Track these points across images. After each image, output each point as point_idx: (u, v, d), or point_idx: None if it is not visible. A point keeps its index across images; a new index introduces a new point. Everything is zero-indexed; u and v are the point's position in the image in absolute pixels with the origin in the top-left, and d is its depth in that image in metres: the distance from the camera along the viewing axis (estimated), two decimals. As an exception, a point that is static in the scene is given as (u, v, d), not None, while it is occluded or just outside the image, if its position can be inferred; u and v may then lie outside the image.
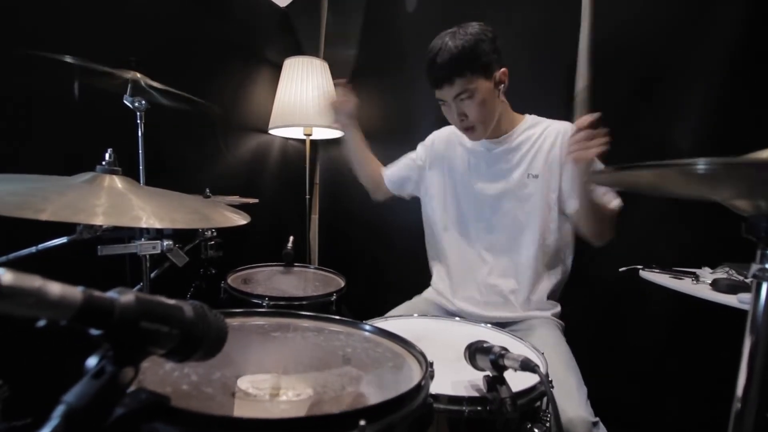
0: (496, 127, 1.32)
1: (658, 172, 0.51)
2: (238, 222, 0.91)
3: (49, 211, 0.65)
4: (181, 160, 1.81)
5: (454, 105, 1.24)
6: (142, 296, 0.40)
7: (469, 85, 1.20)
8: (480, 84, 1.21)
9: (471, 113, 1.24)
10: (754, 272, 0.55)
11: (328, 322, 0.85)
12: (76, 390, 0.36)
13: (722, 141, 1.36)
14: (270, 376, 0.64)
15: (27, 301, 0.31)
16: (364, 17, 2.33)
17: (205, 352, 0.45)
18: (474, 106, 1.22)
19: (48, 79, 1.31)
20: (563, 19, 1.63)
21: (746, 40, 1.36)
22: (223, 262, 1.58)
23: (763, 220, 0.54)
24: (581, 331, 1.35)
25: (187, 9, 1.79)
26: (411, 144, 1.60)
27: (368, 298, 1.41)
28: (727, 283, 1.02)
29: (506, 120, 1.34)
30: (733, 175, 0.48)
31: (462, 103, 1.23)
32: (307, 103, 2.04)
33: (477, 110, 1.23)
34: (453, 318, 1.22)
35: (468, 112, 1.24)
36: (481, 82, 1.21)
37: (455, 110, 1.25)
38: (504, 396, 0.69)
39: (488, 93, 1.23)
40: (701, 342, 1.42)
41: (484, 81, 1.22)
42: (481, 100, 1.22)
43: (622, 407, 1.35)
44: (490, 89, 1.23)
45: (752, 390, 0.56)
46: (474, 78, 1.20)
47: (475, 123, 1.25)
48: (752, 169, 0.48)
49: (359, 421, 0.48)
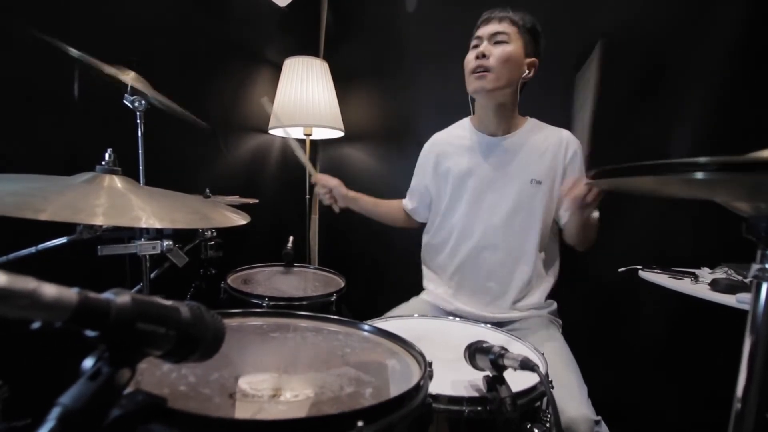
0: (502, 123, 1.33)
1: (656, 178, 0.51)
2: (238, 222, 0.91)
3: (49, 211, 0.65)
4: (181, 160, 1.81)
5: (485, 43, 1.27)
6: (138, 297, 0.39)
7: (511, 35, 1.25)
8: (518, 43, 1.26)
9: (494, 57, 1.25)
10: (754, 272, 0.55)
11: (327, 323, 0.85)
12: (72, 392, 0.36)
13: (722, 141, 1.36)
14: (269, 377, 0.64)
15: (21, 303, 0.31)
16: (364, 17, 2.33)
17: (202, 353, 0.45)
18: (501, 53, 1.25)
19: (48, 79, 1.31)
20: (564, 19, 1.63)
21: (746, 40, 1.35)
22: (223, 263, 1.58)
23: (763, 221, 0.53)
24: (581, 331, 1.35)
25: (187, 9, 1.78)
26: (411, 144, 1.60)
27: (368, 298, 1.41)
28: (726, 283, 1.02)
29: (512, 119, 1.35)
30: (732, 175, 0.48)
31: (493, 46, 1.26)
32: (307, 103, 2.04)
33: (501, 56, 1.25)
34: (452, 318, 1.22)
35: (493, 54, 1.25)
36: (520, 44, 1.27)
37: (483, 47, 1.27)
38: (504, 396, 0.69)
39: (517, 57, 1.27)
40: (701, 342, 1.42)
41: (522, 46, 1.27)
42: (509, 53, 1.25)
43: (622, 407, 1.35)
44: (520, 57, 1.27)
45: (752, 390, 0.56)
46: (518, 35, 1.26)
47: (492, 67, 1.25)
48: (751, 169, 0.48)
49: (357, 421, 0.48)
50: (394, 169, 2.14)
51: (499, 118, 1.33)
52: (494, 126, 1.35)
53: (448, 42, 1.86)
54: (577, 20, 1.63)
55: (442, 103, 1.88)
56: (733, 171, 0.46)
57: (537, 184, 1.29)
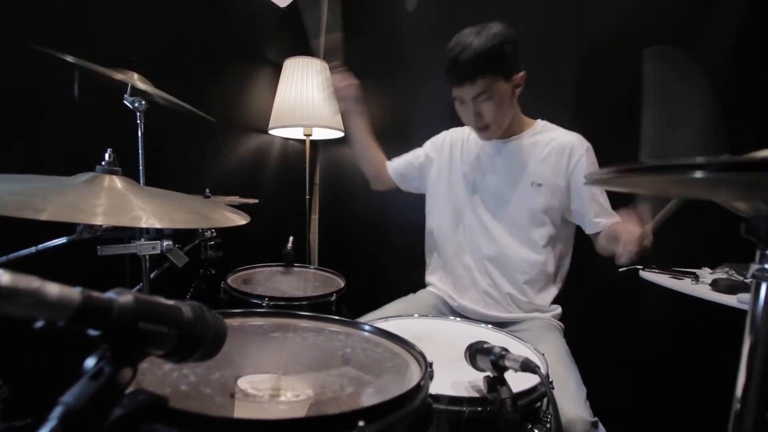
0: (507, 128, 1.33)
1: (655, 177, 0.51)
2: (238, 222, 0.91)
3: (49, 211, 0.65)
4: (181, 160, 1.81)
5: (472, 104, 1.24)
6: (140, 297, 0.40)
7: (489, 85, 1.20)
8: (500, 86, 1.21)
9: (487, 114, 1.24)
10: (753, 272, 0.55)
11: (328, 323, 0.85)
12: (74, 391, 0.36)
13: (722, 141, 1.36)
14: (269, 377, 0.64)
15: (25, 301, 0.31)
16: (364, 17, 2.33)
17: (203, 352, 0.45)
18: (491, 107, 1.23)
19: (48, 79, 1.30)
20: (565, 20, 1.63)
21: (746, 40, 1.36)
22: (222, 263, 1.58)
23: (763, 221, 0.53)
24: (581, 331, 1.35)
25: (187, 9, 1.78)
26: (412, 144, 1.60)
27: (368, 299, 1.41)
28: (726, 283, 1.02)
29: (517, 122, 1.34)
30: (732, 175, 0.48)
31: (480, 104, 1.23)
32: (307, 104, 2.04)
33: (494, 111, 1.23)
34: (453, 318, 1.22)
35: (484, 113, 1.24)
36: (501, 83, 1.22)
37: (471, 109, 1.25)
38: (504, 397, 0.69)
39: (506, 96, 1.24)
40: (701, 342, 1.42)
41: (504, 83, 1.22)
42: (499, 102, 1.23)
43: (621, 407, 1.35)
44: (508, 91, 1.24)
45: (752, 390, 0.56)
46: (495, 79, 1.20)
47: (490, 123, 1.26)
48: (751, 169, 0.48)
49: (358, 421, 0.48)
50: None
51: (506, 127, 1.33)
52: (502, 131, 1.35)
53: (448, 41, 1.86)
54: (578, 20, 1.63)
55: (442, 103, 1.88)
56: (733, 171, 0.46)
57: (538, 186, 1.30)
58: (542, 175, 1.30)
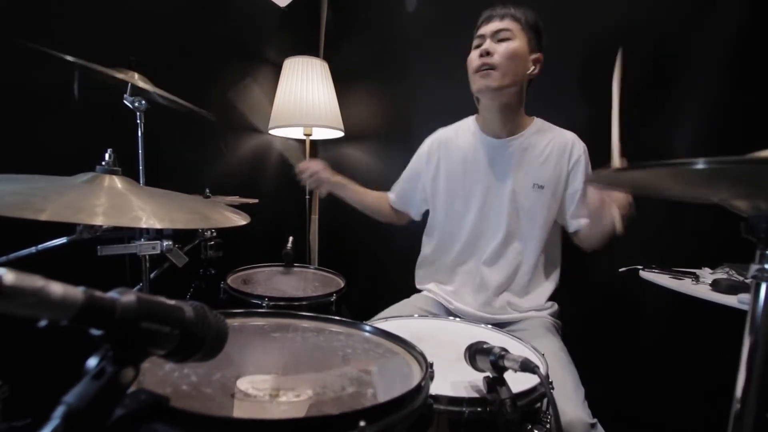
0: (507, 124, 1.32)
1: (657, 172, 0.51)
2: (238, 222, 0.91)
3: (49, 211, 0.65)
4: (181, 160, 1.81)
5: (489, 40, 1.26)
6: (143, 296, 0.40)
7: (514, 29, 1.25)
8: (521, 39, 1.25)
9: (499, 54, 1.24)
10: (753, 273, 0.55)
11: (328, 323, 0.85)
12: (76, 391, 0.36)
13: (722, 141, 1.36)
14: (270, 377, 0.64)
15: (29, 301, 0.31)
16: (364, 17, 2.33)
17: (205, 352, 0.45)
18: (505, 50, 1.24)
19: (48, 79, 1.30)
20: (564, 19, 1.63)
21: (747, 39, 1.36)
22: (222, 263, 1.58)
23: (763, 221, 0.54)
24: (580, 331, 1.35)
25: (186, 9, 1.78)
26: (411, 144, 1.60)
27: (368, 298, 1.41)
28: (727, 283, 1.02)
29: (518, 119, 1.34)
30: (732, 174, 0.48)
31: (497, 43, 1.25)
32: (307, 103, 2.04)
33: (506, 53, 1.24)
34: (453, 318, 1.22)
35: (498, 51, 1.25)
36: (524, 40, 1.26)
37: (487, 44, 1.26)
38: (504, 397, 0.69)
39: (522, 54, 1.26)
40: (701, 343, 1.42)
41: (526, 42, 1.26)
42: (514, 49, 1.24)
43: (620, 408, 1.35)
44: (525, 53, 1.26)
45: (751, 390, 0.56)
46: (521, 31, 1.26)
47: (497, 64, 1.24)
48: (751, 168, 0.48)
49: (359, 422, 0.48)
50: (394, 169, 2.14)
51: (503, 119, 1.32)
52: (499, 127, 1.34)
53: (448, 41, 1.85)
54: (578, 20, 1.63)
55: (442, 103, 1.89)
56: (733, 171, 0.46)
57: (539, 188, 1.30)
58: (544, 177, 1.30)
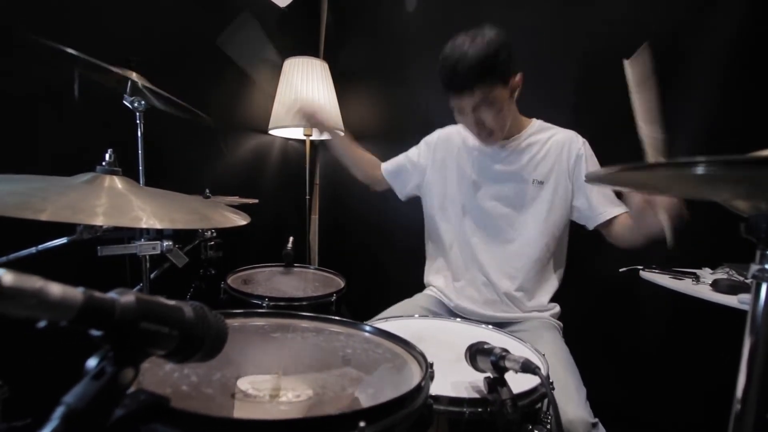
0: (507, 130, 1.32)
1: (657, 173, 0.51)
2: (238, 222, 0.91)
3: (49, 211, 0.65)
4: (181, 160, 1.81)
5: (472, 115, 1.24)
6: (142, 297, 0.40)
7: (488, 93, 1.18)
8: (498, 91, 1.20)
9: (488, 121, 1.24)
10: (753, 273, 0.55)
11: (328, 323, 0.85)
12: (76, 391, 0.36)
13: (722, 141, 1.36)
14: (270, 377, 0.64)
15: (28, 302, 0.31)
16: (364, 17, 2.33)
17: (205, 353, 0.45)
18: (492, 114, 1.22)
19: (48, 79, 1.31)
20: (564, 19, 1.63)
21: (747, 39, 1.36)
22: (222, 263, 1.58)
23: (763, 221, 0.53)
24: (581, 332, 1.35)
25: (187, 9, 1.78)
26: (411, 144, 1.60)
27: (368, 298, 1.41)
28: (727, 283, 1.02)
29: (514, 122, 1.34)
30: (732, 174, 0.48)
31: (480, 113, 1.23)
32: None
33: (495, 117, 1.23)
34: (453, 319, 1.22)
35: (486, 120, 1.24)
36: (500, 89, 1.20)
37: (472, 119, 1.25)
38: (505, 397, 0.69)
39: (506, 100, 1.23)
40: (701, 343, 1.42)
41: (502, 88, 1.21)
42: (499, 108, 1.22)
43: (621, 408, 1.35)
44: (506, 96, 1.23)
45: (752, 390, 0.56)
46: (494, 86, 1.18)
47: (493, 129, 1.25)
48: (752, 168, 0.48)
49: (359, 422, 0.48)
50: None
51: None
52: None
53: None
54: (578, 20, 1.63)
55: (442, 102, 1.88)
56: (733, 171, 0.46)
57: (539, 184, 1.30)
58: (542, 172, 1.30)
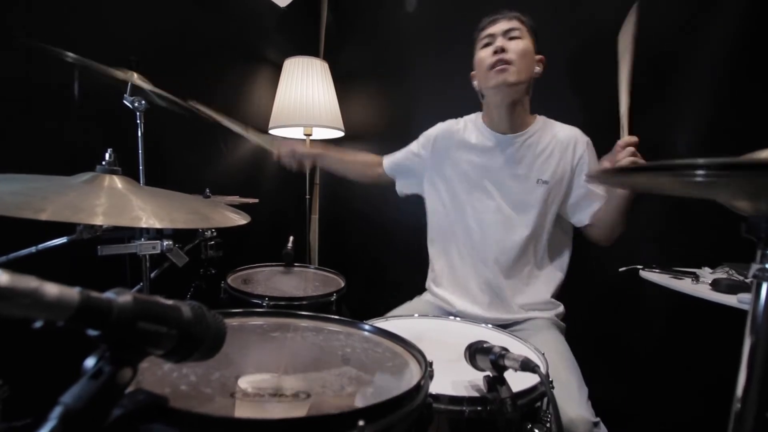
0: (514, 122, 1.33)
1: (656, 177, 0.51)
2: (238, 222, 0.91)
3: (49, 211, 0.65)
4: (181, 160, 1.81)
5: (500, 39, 1.28)
6: (139, 297, 0.39)
7: (522, 29, 1.28)
8: (529, 40, 1.29)
9: (513, 50, 1.26)
10: (754, 272, 0.55)
11: (328, 322, 0.85)
12: (74, 391, 0.36)
13: (722, 141, 1.36)
14: (269, 377, 0.64)
15: (23, 302, 0.31)
16: (364, 17, 2.33)
17: (203, 352, 0.45)
18: (519, 47, 1.26)
19: (48, 79, 1.31)
20: (565, 19, 1.63)
21: (747, 39, 1.35)
22: (223, 262, 1.58)
23: (763, 221, 0.53)
24: (581, 331, 1.35)
25: (186, 9, 1.79)
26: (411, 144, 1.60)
27: (368, 298, 1.41)
28: (727, 283, 1.01)
29: (524, 116, 1.35)
30: (732, 175, 0.48)
31: (509, 41, 1.27)
32: (307, 103, 2.04)
33: (519, 51, 1.26)
34: (453, 318, 1.22)
35: (511, 48, 1.26)
36: (531, 41, 1.29)
37: (499, 42, 1.27)
38: (504, 396, 0.69)
39: (531, 53, 1.29)
40: (701, 342, 1.42)
41: (532, 43, 1.29)
42: (526, 47, 1.27)
43: (622, 407, 1.35)
44: (533, 53, 1.30)
45: (752, 390, 0.56)
46: (527, 33, 1.29)
47: (513, 60, 1.25)
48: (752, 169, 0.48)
49: (358, 421, 0.48)
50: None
51: (511, 117, 1.32)
52: (505, 124, 1.34)
53: (448, 41, 1.85)
54: (577, 20, 1.63)
55: (442, 102, 1.88)
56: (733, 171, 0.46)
57: (543, 183, 1.30)
58: (548, 171, 1.30)
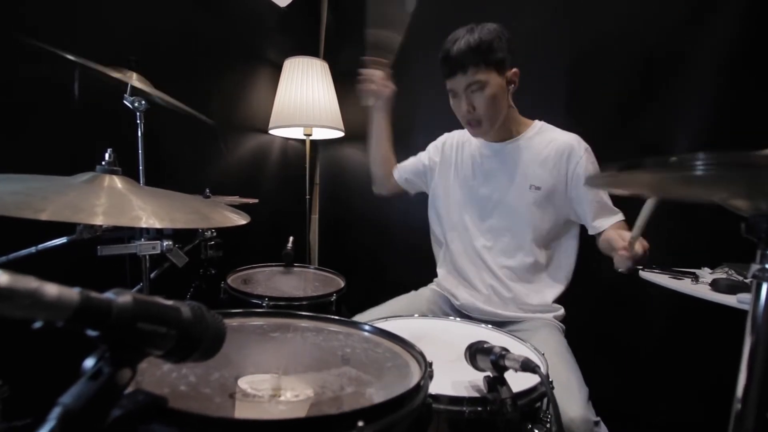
0: (504, 129, 1.33)
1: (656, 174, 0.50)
2: (238, 222, 0.91)
3: (49, 211, 0.64)
4: (181, 160, 1.81)
5: (464, 96, 1.25)
6: (139, 297, 0.39)
7: (481, 76, 1.21)
8: (492, 78, 1.22)
9: (480, 106, 1.24)
10: (753, 272, 0.55)
11: (328, 323, 0.85)
12: (73, 391, 0.36)
13: (722, 141, 1.36)
14: (269, 377, 0.64)
15: (23, 302, 0.31)
16: (364, 17, 2.33)
17: (202, 353, 0.45)
18: (484, 99, 1.23)
19: (48, 79, 1.30)
20: (565, 21, 1.63)
21: (746, 38, 1.35)
22: (223, 262, 1.58)
23: (763, 220, 0.53)
24: (581, 331, 1.34)
25: (187, 9, 1.79)
26: (413, 144, 1.60)
27: (368, 299, 1.41)
28: (726, 283, 1.01)
29: (514, 123, 1.34)
30: (731, 174, 0.48)
31: (472, 95, 1.24)
32: (307, 103, 2.04)
33: (486, 104, 1.23)
34: (453, 318, 1.22)
35: (477, 105, 1.24)
36: (494, 76, 1.22)
37: (464, 101, 1.26)
38: (504, 396, 0.69)
39: (499, 89, 1.24)
40: (701, 342, 1.42)
41: (497, 76, 1.23)
42: (491, 95, 1.23)
43: (622, 407, 1.35)
44: (501, 86, 1.24)
45: (752, 390, 0.56)
46: (487, 71, 1.21)
47: (482, 117, 1.25)
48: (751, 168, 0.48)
49: (358, 421, 0.48)
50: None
51: (499, 131, 1.34)
52: (495, 137, 1.36)
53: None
54: (577, 20, 1.63)
55: (442, 103, 1.88)
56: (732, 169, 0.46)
57: (536, 189, 1.29)
58: (541, 178, 1.29)
